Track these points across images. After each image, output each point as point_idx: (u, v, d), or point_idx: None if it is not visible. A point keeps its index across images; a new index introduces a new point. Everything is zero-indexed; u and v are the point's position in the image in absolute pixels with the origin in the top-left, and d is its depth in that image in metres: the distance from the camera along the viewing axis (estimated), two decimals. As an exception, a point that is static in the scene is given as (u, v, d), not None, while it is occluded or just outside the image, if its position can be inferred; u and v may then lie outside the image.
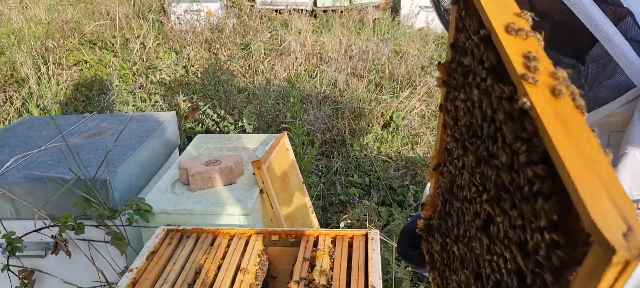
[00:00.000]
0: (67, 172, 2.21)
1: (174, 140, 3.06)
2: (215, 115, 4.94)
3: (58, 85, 6.27)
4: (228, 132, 4.82)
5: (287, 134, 2.92)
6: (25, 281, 2.22)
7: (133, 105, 5.20)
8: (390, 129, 5.15)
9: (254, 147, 2.85)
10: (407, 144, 5.03)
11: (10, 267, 2.19)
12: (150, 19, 7.26)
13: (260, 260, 1.96)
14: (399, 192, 4.25)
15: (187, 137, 4.75)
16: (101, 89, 5.73)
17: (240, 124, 4.86)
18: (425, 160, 4.77)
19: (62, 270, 2.38)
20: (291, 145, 3.94)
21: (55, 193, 2.15)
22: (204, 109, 5.01)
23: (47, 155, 2.49)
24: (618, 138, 0.97)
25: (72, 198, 2.20)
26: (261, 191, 2.37)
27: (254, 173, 2.35)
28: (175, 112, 3.11)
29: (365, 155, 4.87)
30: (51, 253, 2.21)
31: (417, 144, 5.01)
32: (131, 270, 1.85)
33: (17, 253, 2.16)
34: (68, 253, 2.13)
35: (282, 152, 2.74)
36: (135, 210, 2.18)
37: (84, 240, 2.25)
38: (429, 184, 1.48)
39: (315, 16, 8.03)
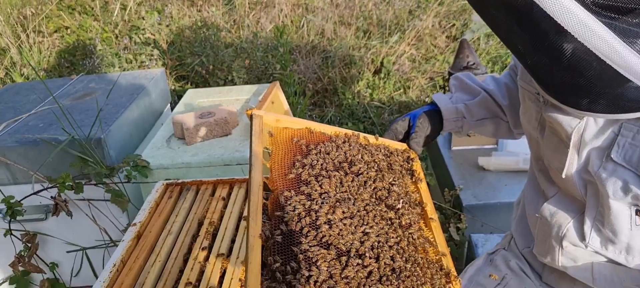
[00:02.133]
0: (60, 133, 2.18)
1: (165, 97, 3.03)
2: (204, 71, 4.87)
3: (40, 53, 6.12)
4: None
5: (280, 83, 2.90)
6: (29, 244, 2.23)
7: (119, 67, 5.12)
8: (382, 75, 5.12)
9: (246, 98, 2.82)
10: (399, 89, 5.01)
11: (12, 232, 2.20)
12: (129, -22, 7.03)
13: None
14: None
15: (177, 96, 4.70)
16: (85, 53, 5.61)
17: (230, 78, 4.80)
18: (418, 104, 4.77)
19: (65, 232, 2.40)
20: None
21: (49, 155, 2.13)
22: (193, 65, 4.93)
23: (37, 118, 2.46)
24: None
25: (67, 159, 2.19)
26: (257, 140, 2.36)
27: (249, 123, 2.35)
28: (163, 68, 3.06)
29: (358, 102, 4.85)
30: (52, 215, 2.21)
31: (409, 88, 5.00)
32: (134, 224, 1.86)
33: (17, 217, 2.16)
34: (69, 213, 2.13)
35: (275, 101, 2.72)
36: (132, 166, 2.17)
37: (84, 199, 2.26)
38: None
39: (298, -35, 7.82)
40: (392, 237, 1.13)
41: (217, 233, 1.80)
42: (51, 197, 2.11)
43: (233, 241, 1.77)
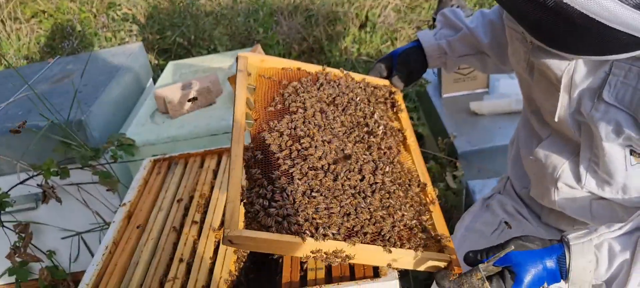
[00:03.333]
0: (40, 118, 2.12)
1: (146, 72, 2.94)
2: (186, 42, 4.76)
3: (19, 40, 5.97)
4: (202, 59, 4.65)
5: (263, 48, 2.81)
6: (22, 234, 2.20)
7: (99, 46, 4.99)
8: (368, 29, 5.02)
9: (228, 65, 2.75)
10: (387, 42, 4.92)
11: (4, 224, 2.16)
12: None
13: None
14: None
15: (161, 71, 4.60)
16: (64, 36, 5.47)
17: (213, 47, 4.70)
18: (406, 54, 4.69)
19: (58, 219, 2.36)
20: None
21: (31, 142, 2.08)
22: (173, 38, 4.81)
23: (16, 107, 2.39)
24: None
25: (50, 145, 2.13)
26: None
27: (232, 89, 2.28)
28: (141, 42, 2.97)
29: (346, 58, 4.77)
30: (42, 203, 2.17)
31: (397, 39, 4.91)
32: (124, 204, 1.82)
33: (7, 208, 2.12)
34: (58, 200, 2.09)
35: (259, 65, 2.65)
36: (117, 146, 2.12)
37: (72, 184, 2.21)
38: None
39: None
40: (371, 157, 1.18)
41: (209, 206, 1.77)
42: (37, 185, 2.06)
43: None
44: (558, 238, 0.99)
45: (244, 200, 1.01)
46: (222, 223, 1.36)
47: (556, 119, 1.11)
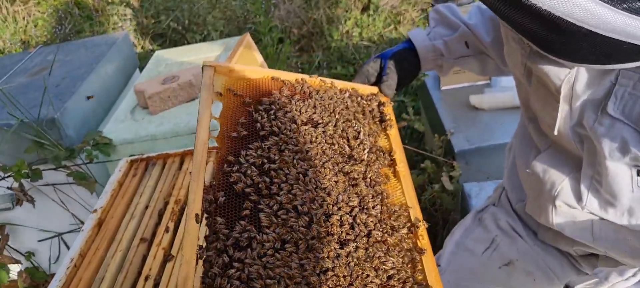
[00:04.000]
0: (10, 116, 2.00)
1: (132, 62, 2.81)
2: (180, 27, 4.61)
3: (16, 23, 5.85)
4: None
5: (259, 34, 2.66)
6: (-2, 236, 2.11)
7: (91, 32, 4.86)
8: (370, 11, 4.82)
9: (216, 55, 2.61)
10: (390, 25, 4.73)
11: (-23, 226, 2.07)
12: None
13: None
14: (385, 76, 4.03)
15: (156, 57, 4.46)
16: (59, 21, 5.33)
17: (207, 32, 4.54)
18: (408, 39, 4.51)
19: (36, 219, 2.26)
20: (262, 45, 3.67)
21: (1, 142, 1.96)
22: (168, 22, 4.66)
23: (-9, 101, 2.27)
24: None
25: (23, 144, 2.02)
26: (228, 101, 2.17)
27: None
28: (126, 31, 2.83)
29: (347, 43, 4.59)
30: (16, 204, 2.07)
31: (400, 23, 4.72)
32: (95, 210, 1.70)
33: (-21, 211, 2.02)
34: (31, 202, 1.99)
35: (246, 54, 2.50)
36: (93, 145, 2.00)
37: (48, 184, 2.10)
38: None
39: None
40: (355, 193, 1.01)
41: (183, 213, 1.65)
42: (7, 187, 1.95)
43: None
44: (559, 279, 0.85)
45: (202, 258, 0.85)
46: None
47: (555, 132, 0.96)
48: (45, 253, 2.32)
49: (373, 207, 1.00)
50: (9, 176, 1.95)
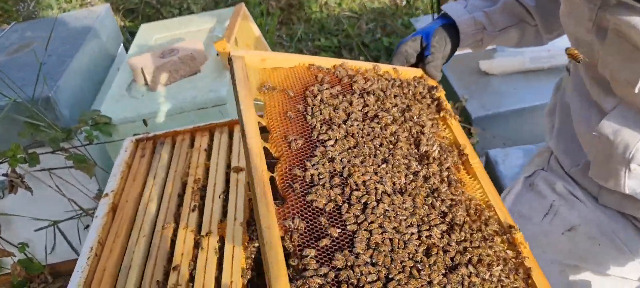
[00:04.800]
0: (0, 97, 1.84)
1: (115, 37, 2.64)
2: (154, 0, 4.39)
3: (-34, 2, 5.45)
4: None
5: (247, 5, 2.54)
6: (-11, 228, 1.95)
7: (58, 9, 4.57)
8: (348, -19, 4.73)
9: (210, 27, 2.48)
10: (371, -6, 4.65)
11: (-34, 218, 1.91)
12: None
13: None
14: (372, 47, 3.98)
15: (129, 34, 4.24)
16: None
17: (185, 6, 4.35)
18: (392, 8, 4.45)
19: (30, 208, 2.11)
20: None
21: (-9, 125, 1.81)
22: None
23: (-31, 83, 2.08)
24: None
25: (15, 127, 1.87)
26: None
27: (218, 55, 2.03)
28: (107, 4, 2.65)
29: (327, 14, 4.50)
30: (9, 193, 1.91)
31: (381, -9, 4.65)
32: (106, 194, 1.59)
33: (-32, 201, 1.87)
34: (28, 189, 1.85)
35: (244, 25, 2.39)
36: (92, 125, 1.87)
37: (43, 170, 1.96)
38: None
39: None
40: (440, 199, 0.91)
41: (206, 192, 1.56)
42: (2, 174, 1.80)
43: (226, 200, 1.53)
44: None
45: None
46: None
47: (637, 90, 0.93)
48: (40, 243, 2.18)
49: (461, 212, 0.90)
50: (3, 162, 1.79)
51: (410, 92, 1.12)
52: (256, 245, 1.36)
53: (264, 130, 0.93)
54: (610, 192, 1.15)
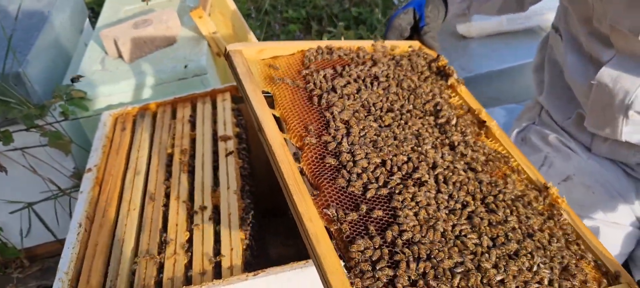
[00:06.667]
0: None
1: (81, 10, 2.53)
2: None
3: None
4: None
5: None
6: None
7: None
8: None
9: (182, -3, 2.40)
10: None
11: None
12: None
13: (237, 120, 1.70)
14: (341, 17, 3.96)
15: (90, 9, 4.06)
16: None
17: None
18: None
19: (3, 189, 2.02)
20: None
21: (-42, 104, 1.71)
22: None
23: None
24: None
25: (-19, 105, 1.77)
26: (209, 43, 2.02)
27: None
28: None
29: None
30: (-20, 175, 1.83)
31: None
32: (90, 169, 1.54)
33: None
34: (2, 169, 1.76)
35: (219, -4, 2.33)
36: (67, 100, 1.79)
37: (17, 149, 1.87)
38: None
39: None
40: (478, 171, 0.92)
41: (195, 161, 1.53)
42: (-27, 155, 1.72)
43: (216, 168, 1.50)
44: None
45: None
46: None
47: None
48: (15, 227, 2.10)
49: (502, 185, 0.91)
50: (-27, 142, 1.70)
51: (414, 66, 1.12)
52: (252, 212, 1.36)
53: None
54: (603, 141, 1.19)
